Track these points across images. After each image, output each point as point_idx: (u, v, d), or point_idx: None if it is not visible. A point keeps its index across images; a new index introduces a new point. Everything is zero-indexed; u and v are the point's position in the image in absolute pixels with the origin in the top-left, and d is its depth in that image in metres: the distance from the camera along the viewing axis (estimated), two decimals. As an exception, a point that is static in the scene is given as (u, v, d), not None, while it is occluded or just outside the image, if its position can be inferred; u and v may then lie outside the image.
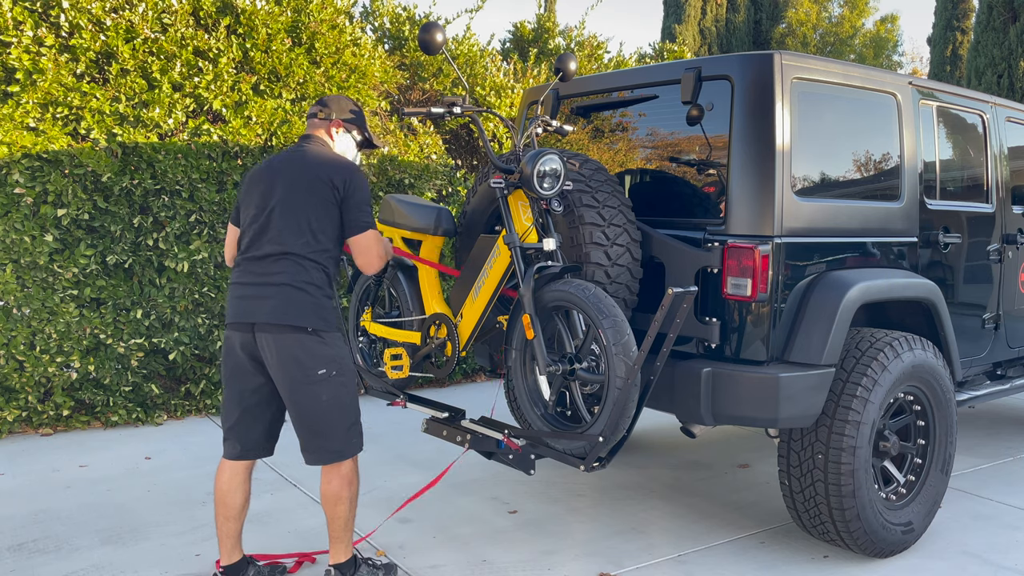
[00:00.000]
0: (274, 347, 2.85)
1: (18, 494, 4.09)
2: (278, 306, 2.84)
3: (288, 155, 3.04)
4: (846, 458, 3.24)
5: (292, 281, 2.86)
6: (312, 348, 2.86)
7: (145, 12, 5.19)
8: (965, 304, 4.22)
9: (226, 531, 3.05)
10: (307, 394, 2.87)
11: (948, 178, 4.15)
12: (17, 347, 4.89)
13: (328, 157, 3.01)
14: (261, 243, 2.92)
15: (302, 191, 2.90)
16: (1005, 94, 12.16)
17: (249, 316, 2.87)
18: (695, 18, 20.20)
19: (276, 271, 2.87)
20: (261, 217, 2.93)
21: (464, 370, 6.85)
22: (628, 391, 2.92)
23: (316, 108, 3.15)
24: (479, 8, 7.53)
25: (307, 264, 2.89)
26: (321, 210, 2.90)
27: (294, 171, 2.95)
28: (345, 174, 2.93)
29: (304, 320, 2.85)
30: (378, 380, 4.05)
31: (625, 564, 3.42)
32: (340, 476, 2.97)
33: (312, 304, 2.87)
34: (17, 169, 4.77)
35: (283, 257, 2.88)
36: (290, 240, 2.88)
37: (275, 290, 2.86)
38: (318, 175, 2.92)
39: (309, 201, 2.90)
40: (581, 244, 3.34)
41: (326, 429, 2.92)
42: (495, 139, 6.93)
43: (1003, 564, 3.48)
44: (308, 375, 2.85)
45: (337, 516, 2.98)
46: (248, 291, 2.90)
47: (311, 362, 2.86)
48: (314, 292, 2.89)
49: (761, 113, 3.28)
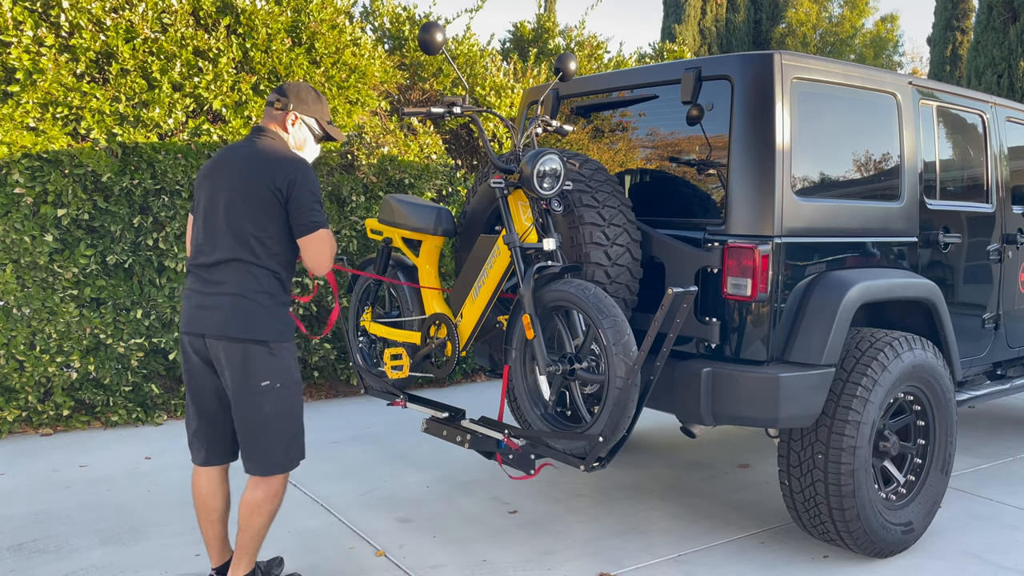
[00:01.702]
0: (222, 355, 2.80)
1: (18, 494, 4.09)
2: (227, 318, 2.77)
3: (235, 152, 2.90)
4: (846, 458, 3.24)
5: (241, 291, 2.78)
6: (258, 359, 2.79)
7: (145, 12, 5.18)
8: (965, 304, 4.22)
9: (211, 534, 3.02)
10: (250, 404, 2.80)
11: (948, 178, 4.15)
12: (17, 347, 4.89)
13: (273, 156, 2.84)
14: (209, 249, 2.84)
15: (244, 196, 2.78)
16: (1005, 94, 12.16)
17: (199, 327, 2.82)
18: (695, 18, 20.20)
19: (225, 280, 2.80)
20: (208, 222, 2.85)
21: (464, 370, 6.85)
22: (628, 391, 2.92)
23: (273, 97, 2.98)
24: (479, 8, 7.53)
25: (256, 271, 2.80)
26: (264, 216, 2.78)
27: (238, 173, 2.83)
28: (288, 174, 2.78)
29: (252, 332, 2.77)
30: (378, 380, 4.05)
31: (625, 564, 3.42)
32: (267, 487, 2.86)
33: (262, 314, 2.80)
34: (17, 169, 4.77)
35: (231, 264, 2.79)
36: (237, 247, 2.79)
37: (224, 300, 2.79)
38: (260, 178, 2.78)
39: (251, 207, 2.78)
40: (581, 244, 3.34)
41: (265, 440, 2.83)
42: (495, 139, 6.93)
43: (1003, 564, 3.48)
44: (251, 385, 2.79)
45: (251, 527, 2.87)
46: (200, 300, 2.84)
47: (256, 373, 2.79)
48: (264, 301, 2.81)
49: (761, 113, 3.28)
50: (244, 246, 2.78)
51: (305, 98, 2.99)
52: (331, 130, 3.06)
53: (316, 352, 5.93)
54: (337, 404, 6.03)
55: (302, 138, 3.02)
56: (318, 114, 3.02)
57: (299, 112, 2.98)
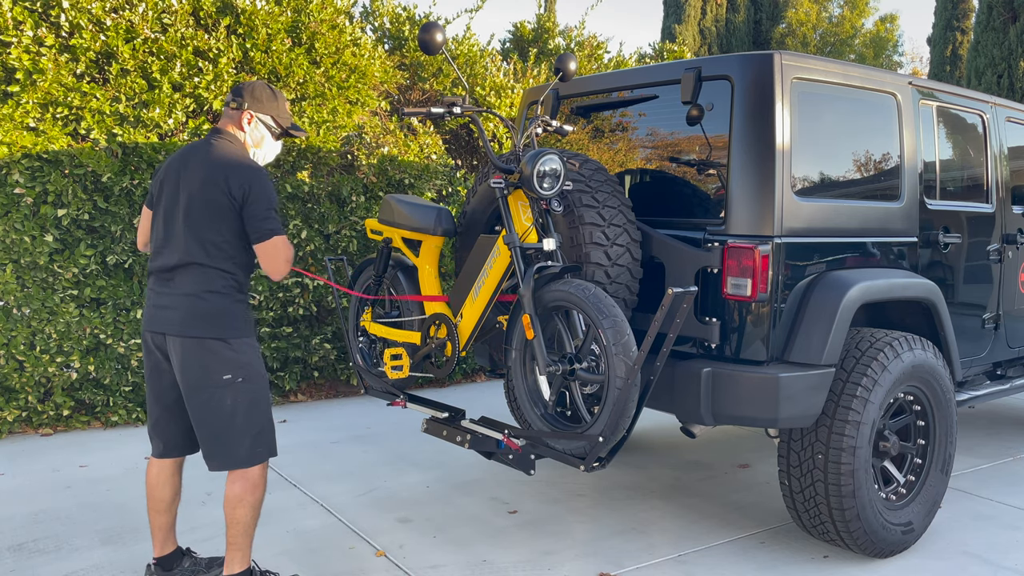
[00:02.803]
0: (179, 352, 2.85)
1: (18, 494, 4.09)
2: (184, 318, 2.84)
3: (195, 155, 2.93)
4: (846, 458, 3.24)
5: (197, 292, 2.85)
6: (219, 354, 2.84)
7: (145, 12, 5.18)
8: (965, 304, 4.22)
9: (158, 524, 3.07)
10: (212, 397, 2.83)
11: (948, 178, 4.15)
12: (17, 347, 4.89)
13: (229, 162, 2.88)
14: (167, 252, 2.90)
15: (202, 202, 2.84)
16: (1005, 94, 12.16)
17: (159, 326, 2.90)
18: (695, 18, 20.20)
19: (183, 282, 2.86)
20: (168, 225, 2.92)
21: (464, 370, 6.85)
22: (628, 391, 2.92)
23: (229, 97, 3.03)
24: (479, 8, 7.53)
25: (212, 273, 2.86)
26: (220, 221, 2.84)
27: (196, 178, 2.86)
28: (243, 182, 2.82)
29: (209, 331, 2.83)
30: (378, 380, 4.05)
31: (625, 564, 3.42)
32: (245, 479, 2.89)
33: (218, 312, 2.86)
34: (17, 169, 4.77)
35: (190, 267, 2.86)
36: (195, 250, 2.85)
37: (182, 300, 2.85)
38: (216, 184, 2.82)
39: (208, 212, 2.84)
40: (581, 244, 3.34)
41: (230, 435, 2.86)
42: (495, 139, 6.93)
43: (1003, 564, 3.48)
44: (213, 379, 2.83)
45: (236, 520, 2.88)
46: (159, 300, 2.92)
47: (217, 367, 2.83)
48: (219, 301, 2.87)
49: (761, 113, 3.28)
50: (201, 249, 2.85)
51: (260, 96, 3.02)
52: (291, 128, 3.10)
53: (316, 352, 5.93)
54: (337, 404, 6.03)
55: (259, 136, 3.05)
56: (274, 112, 3.05)
57: (254, 111, 3.01)
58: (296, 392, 6.11)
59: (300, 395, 6.12)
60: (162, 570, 3.08)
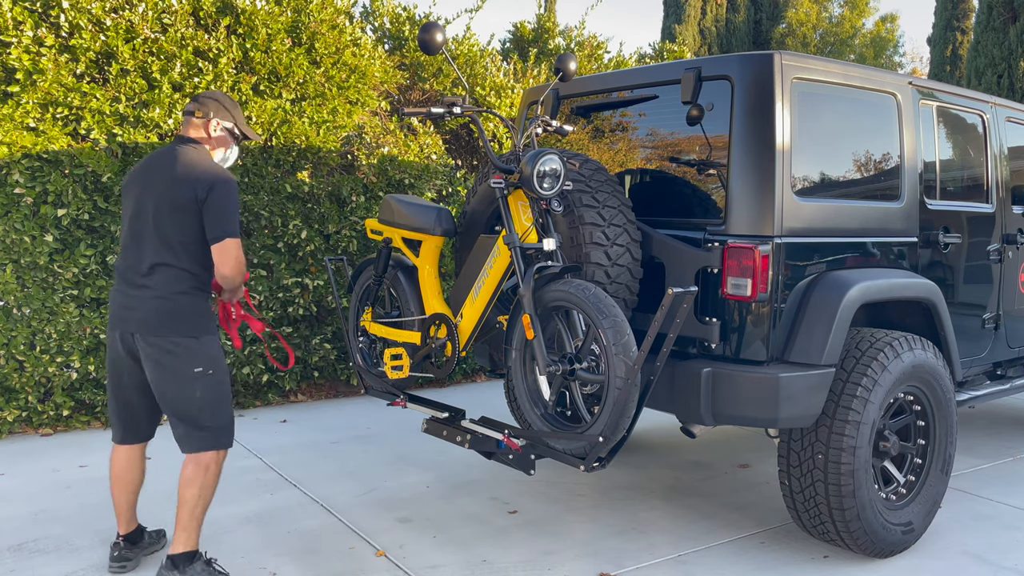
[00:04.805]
0: (151, 351, 3.02)
1: (18, 494, 4.09)
2: (157, 319, 3.01)
3: (162, 161, 3.10)
4: (846, 458, 3.24)
5: (165, 293, 3.02)
6: (190, 349, 3.03)
7: (145, 12, 5.18)
8: (965, 304, 4.22)
9: (123, 502, 3.28)
10: (182, 389, 3.03)
11: (948, 178, 4.15)
12: (17, 347, 4.89)
13: (197, 166, 3.06)
14: (135, 253, 3.07)
15: (170, 204, 3.00)
16: (1005, 94, 12.15)
17: (126, 325, 3.06)
18: (695, 18, 20.20)
19: (150, 283, 3.03)
20: (134, 227, 3.08)
21: (464, 370, 6.85)
22: (628, 391, 2.92)
23: (193, 107, 3.21)
24: (479, 8, 7.53)
25: (179, 273, 3.04)
26: (187, 223, 3.01)
27: (165, 182, 3.03)
28: (208, 183, 3.00)
29: (180, 331, 3.03)
30: (378, 380, 4.05)
31: (625, 564, 3.42)
32: (197, 462, 3.07)
33: (188, 312, 3.05)
34: (17, 169, 4.77)
35: (159, 268, 3.02)
36: (163, 251, 3.02)
37: (152, 303, 3.02)
38: (184, 188, 2.99)
39: (176, 214, 3.00)
40: (581, 244, 3.34)
41: (199, 422, 3.06)
42: (495, 139, 6.93)
43: (1003, 564, 3.48)
44: (185, 372, 3.02)
45: (185, 500, 3.05)
46: (126, 300, 3.07)
47: (189, 361, 3.02)
48: (187, 301, 3.05)
49: (761, 113, 3.28)
50: (169, 250, 3.02)
51: (222, 105, 3.24)
52: (247, 131, 3.32)
53: (316, 352, 5.93)
54: (337, 404, 6.03)
55: (223, 143, 3.26)
56: (234, 118, 3.27)
57: (219, 119, 3.22)
58: (296, 392, 6.11)
59: (300, 395, 6.12)
60: (131, 544, 3.30)
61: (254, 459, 4.67)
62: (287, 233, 5.67)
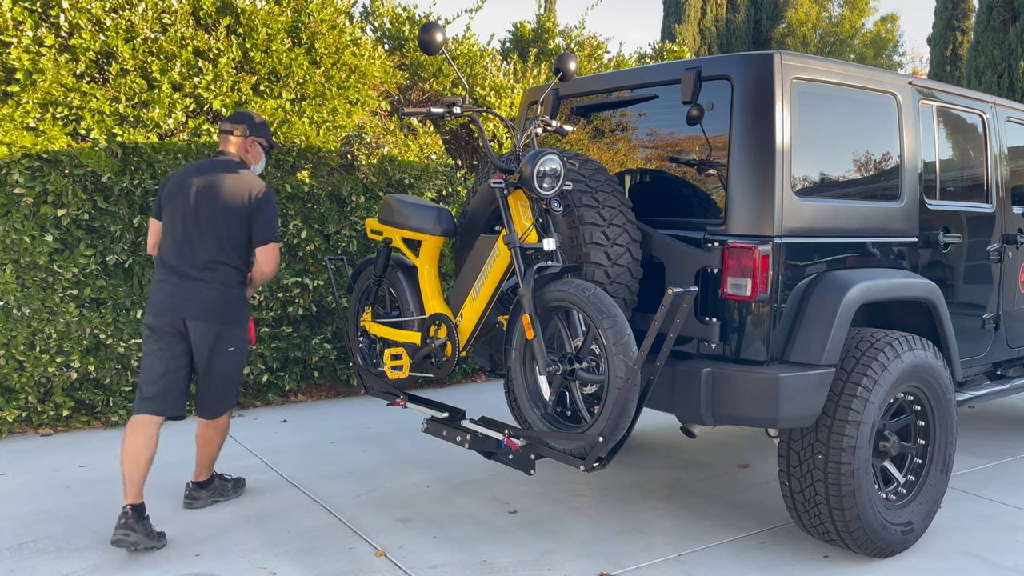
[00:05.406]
0: (202, 332, 3.59)
1: (18, 494, 4.09)
2: (206, 307, 3.57)
3: (210, 173, 3.65)
4: (846, 458, 3.24)
5: (219, 287, 3.60)
6: (231, 332, 3.66)
7: (145, 12, 5.18)
8: (965, 304, 4.22)
9: (137, 476, 3.49)
10: (220, 365, 3.66)
11: (948, 178, 4.15)
12: (17, 347, 4.89)
13: (246, 179, 3.65)
14: (189, 251, 3.58)
15: (223, 212, 3.58)
16: (1005, 94, 12.15)
17: (180, 312, 3.57)
18: (695, 18, 20.20)
19: (205, 277, 3.58)
20: (188, 228, 3.59)
21: (464, 370, 6.85)
22: (628, 391, 2.92)
23: (230, 126, 3.77)
24: (479, 8, 7.53)
25: (230, 271, 3.62)
26: (237, 227, 3.60)
27: (217, 193, 3.59)
28: (257, 194, 3.62)
29: (228, 319, 3.63)
30: (378, 380, 4.05)
31: (625, 564, 3.42)
32: (216, 426, 3.81)
33: (234, 303, 3.66)
34: (17, 169, 4.77)
35: (211, 265, 3.58)
36: (215, 251, 3.58)
37: (204, 293, 3.57)
38: (235, 198, 3.59)
39: (228, 221, 3.58)
40: (581, 244, 3.34)
41: (221, 390, 3.72)
42: (495, 139, 6.93)
43: (1003, 564, 3.48)
44: (223, 351, 3.65)
45: (209, 453, 3.88)
46: (177, 291, 3.57)
47: (227, 342, 3.65)
48: (234, 293, 3.66)
49: (761, 113, 3.28)
50: (222, 250, 3.60)
51: (256, 124, 3.83)
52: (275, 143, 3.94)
53: (316, 352, 5.93)
54: (337, 404, 6.03)
55: (258, 156, 3.87)
56: (266, 134, 3.87)
57: (255, 136, 3.82)
58: (296, 392, 6.11)
59: (300, 395, 6.12)
60: (138, 515, 3.44)
61: (254, 459, 4.67)
62: (287, 233, 5.67)
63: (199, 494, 3.94)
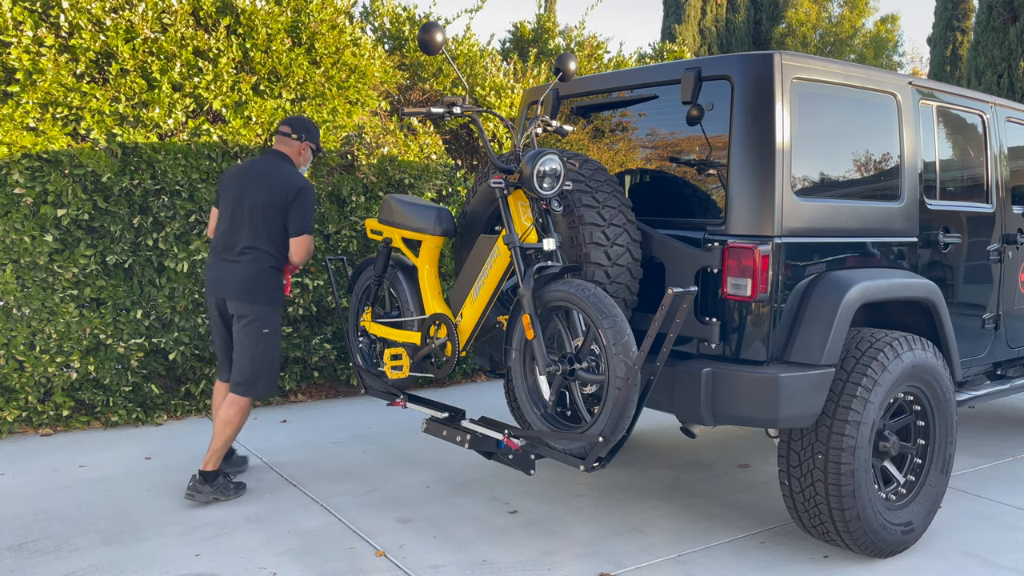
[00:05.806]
0: (239, 310, 3.95)
1: (18, 494, 4.09)
2: (247, 288, 3.92)
3: (261, 168, 4.01)
4: (846, 458, 3.24)
5: (256, 269, 3.94)
6: (266, 313, 3.97)
7: (145, 12, 5.18)
8: (965, 304, 4.22)
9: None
10: (254, 344, 3.95)
11: (948, 178, 4.15)
12: (17, 347, 4.89)
13: (289, 175, 3.97)
14: (233, 237, 3.96)
15: (265, 203, 3.90)
16: (1005, 94, 12.15)
17: (221, 292, 3.98)
18: (695, 18, 20.20)
19: (241, 260, 3.94)
20: (235, 217, 3.96)
21: (464, 370, 6.85)
22: (628, 391, 2.92)
23: (287, 129, 4.10)
24: (479, 8, 7.53)
25: (262, 255, 3.94)
26: (275, 220, 3.92)
27: (262, 187, 3.93)
28: (296, 190, 3.92)
29: (263, 299, 3.95)
30: (378, 380, 4.05)
31: (625, 564, 3.42)
32: (239, 405, 3.99)
33: (270, 285, 3.97)
34: (17, 169, 4.77)
35: (247, 250, 3.93)
36: (252, 238, 3.93)
37: (245, 275, 3.92)
38: (278, 192, 3.91)
39: (269, 212, 3.91)
40: (581, 244, 3.34)
41: (255, 370, 3.97)
42: (495, 139, 6.93)
43: (1003, 564, 3.48)
44: (258, 330, 3.94)
45: (223, 435, 3.99)
46: (220, 273, 3.99)
47: (261, 323, 3.95)
48: (270, 276, 3.98)
49: (761, 113, 3.28)
50: (257, 237, 3.94)
51: (310, 130, 4.17)
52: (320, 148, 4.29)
53: (316, 352, 5.93)
54: (337, 404, 6.03)
55: (307, 159, 4.21)
56: (317, 140, 4.21)
57: (308, 142, 4.15)
58: (296, 392, 6.11)
59: (300, 395, 6.12)
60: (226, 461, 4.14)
61: (254, 459, 4.67)
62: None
63: (202, 488, 3.96)
